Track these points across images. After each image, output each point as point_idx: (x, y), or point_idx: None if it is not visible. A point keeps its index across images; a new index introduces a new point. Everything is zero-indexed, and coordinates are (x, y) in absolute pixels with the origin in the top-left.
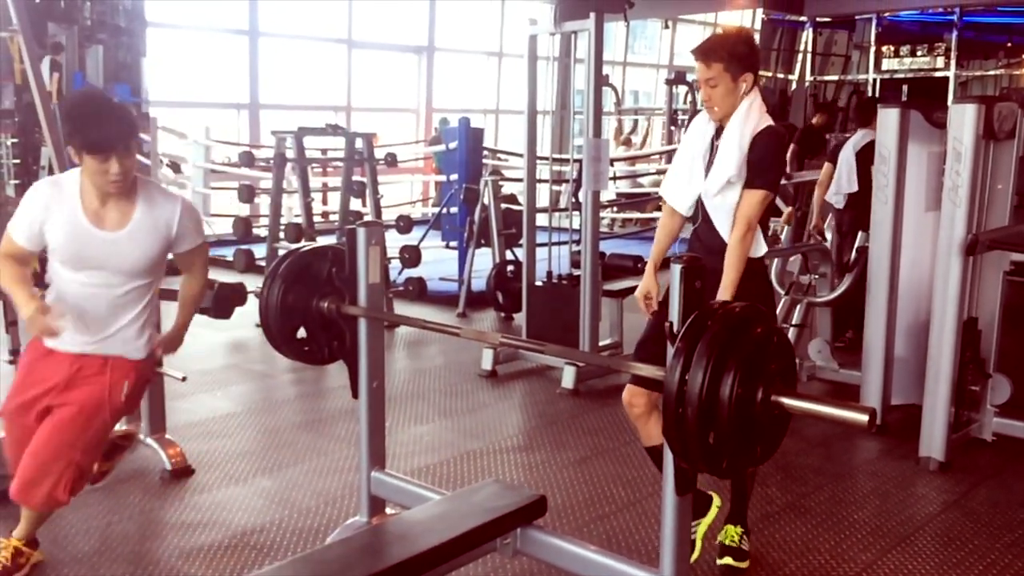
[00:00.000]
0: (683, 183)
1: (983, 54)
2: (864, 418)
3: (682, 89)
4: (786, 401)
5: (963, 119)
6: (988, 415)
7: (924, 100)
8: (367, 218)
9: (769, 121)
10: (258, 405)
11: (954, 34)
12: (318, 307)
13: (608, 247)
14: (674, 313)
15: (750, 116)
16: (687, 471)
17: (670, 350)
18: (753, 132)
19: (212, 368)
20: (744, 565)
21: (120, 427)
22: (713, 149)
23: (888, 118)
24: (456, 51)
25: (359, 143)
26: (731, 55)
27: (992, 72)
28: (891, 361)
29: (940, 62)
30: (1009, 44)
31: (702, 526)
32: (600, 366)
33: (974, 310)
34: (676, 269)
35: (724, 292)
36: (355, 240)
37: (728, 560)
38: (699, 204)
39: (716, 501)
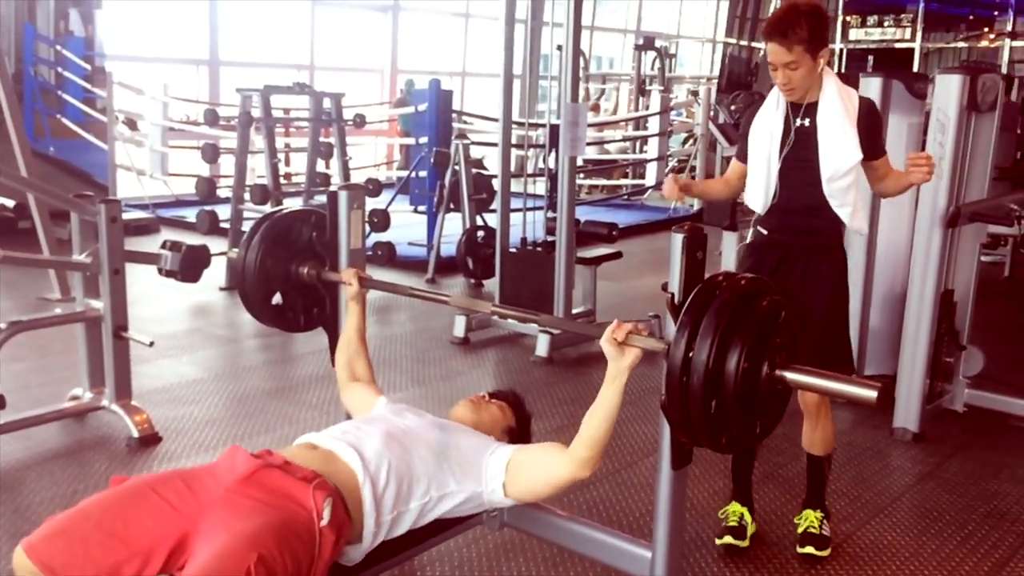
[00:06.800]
0: (762, 179)
1: (945, 26)
2: (873, 395)
3: (650, 55)
4: (790, 376)
5: (948, 90)
6: (960, 386)
7: (902, 70)
8: (335, 180)
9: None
10: (225, 371)
11: (920, 5)
12: (297, 272)
13: (578, 214)
14: (675, 284)
15: (842, 91)
16: (684, 445)
17: (671, 323)
18: (856, 107)
19: (176, 332)
20: (826, 553)
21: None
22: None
23: (870, 88)
24: (423, 10)
25: (327, 103)
26: (811, 34)
27: (952, 44)
28: (866, 332)
29: (906, 33)
30: (971, 17)
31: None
32: (587, 336)
33: (950, 282)
34: (677, 239)
35: None
36: (336, 204)
37: (810, 549)
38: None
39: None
